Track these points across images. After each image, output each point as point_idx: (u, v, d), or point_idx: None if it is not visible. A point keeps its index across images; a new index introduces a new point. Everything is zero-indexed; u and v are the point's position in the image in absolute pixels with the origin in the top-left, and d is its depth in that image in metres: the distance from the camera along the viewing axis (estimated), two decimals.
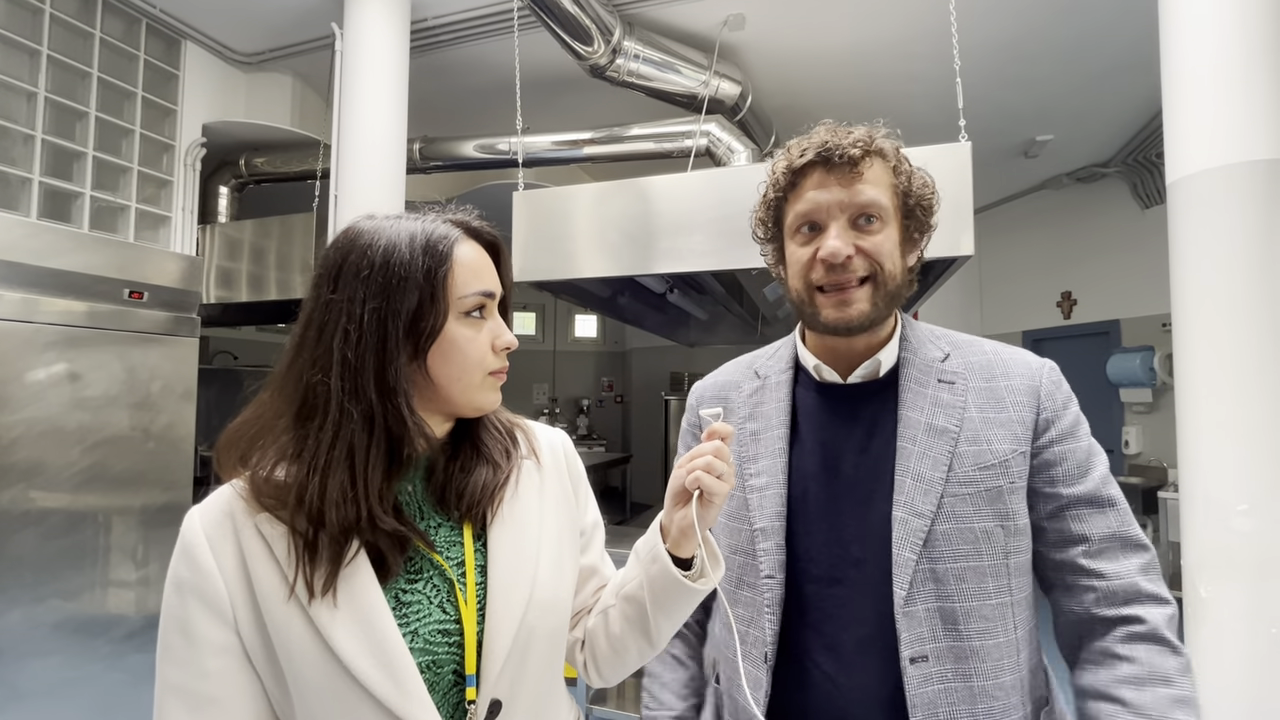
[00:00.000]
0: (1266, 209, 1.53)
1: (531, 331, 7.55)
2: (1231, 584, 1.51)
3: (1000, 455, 0.76)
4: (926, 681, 0.72)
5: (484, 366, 0.64)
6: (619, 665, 0.74)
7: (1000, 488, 0.75)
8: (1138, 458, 4.47)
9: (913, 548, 0.73)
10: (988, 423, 0.77)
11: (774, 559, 0.79)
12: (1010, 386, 0.79)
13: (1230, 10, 1.59)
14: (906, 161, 0.80)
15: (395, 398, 0.58)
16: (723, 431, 0.67)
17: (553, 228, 2.16)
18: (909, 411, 0.79)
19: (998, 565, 0.75)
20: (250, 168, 3.46)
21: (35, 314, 1.96)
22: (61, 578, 1.98)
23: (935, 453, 0.76)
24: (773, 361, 0.91)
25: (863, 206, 0.76)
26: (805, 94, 3.47)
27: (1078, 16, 2.80)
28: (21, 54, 2.41)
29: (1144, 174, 4.31)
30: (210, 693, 0.55)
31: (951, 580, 0.73)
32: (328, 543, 0.56)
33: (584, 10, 2.48)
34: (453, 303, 0.61)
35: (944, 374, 0.80)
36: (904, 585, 0.73)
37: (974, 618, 0.73)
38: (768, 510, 0.81)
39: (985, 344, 0.85)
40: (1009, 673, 0.73)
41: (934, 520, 0.74)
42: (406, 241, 0.60)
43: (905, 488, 0.75)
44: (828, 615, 0.77)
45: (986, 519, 0.75)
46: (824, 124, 0.79)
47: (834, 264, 0.75)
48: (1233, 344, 1.55)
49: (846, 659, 0.76)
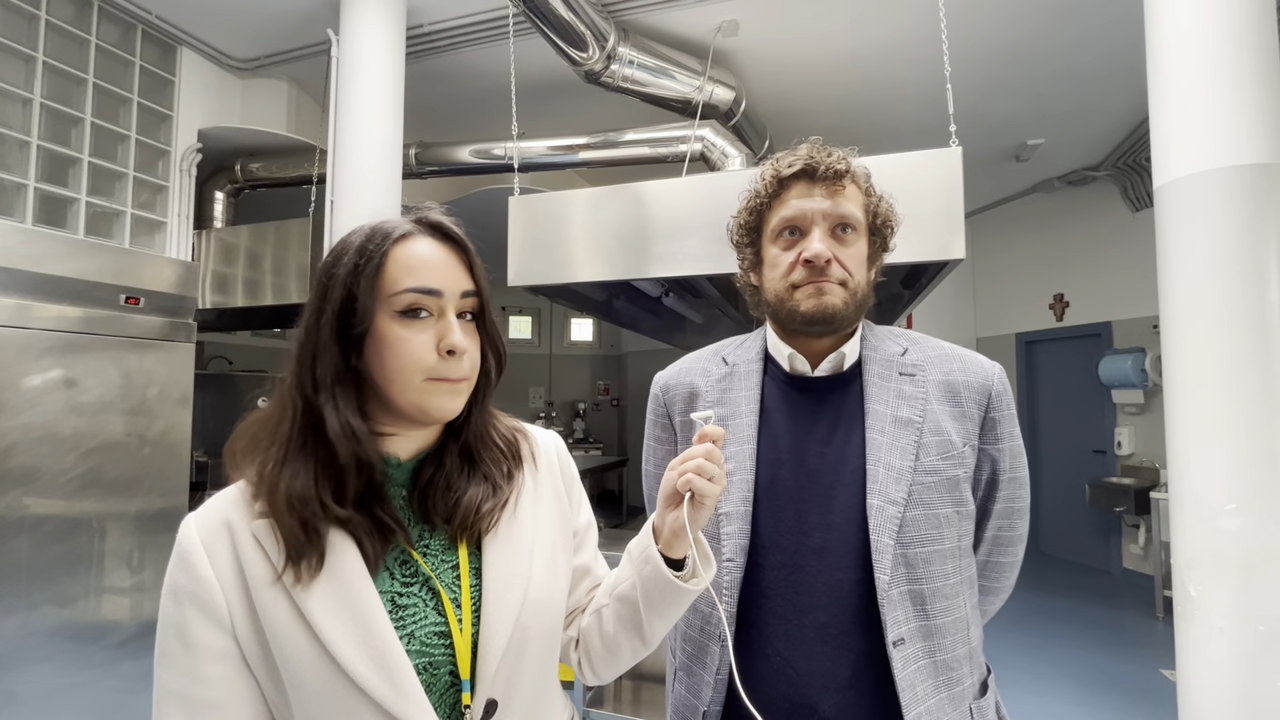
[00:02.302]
0: (1252, 213, 1.55)
1: (527, 335, 7.55)
2: (1220, 583, 1.53)
3: (957, 446, 0.82)
4: (907, 663, 0.76)
5: (421, 370, 0.59)
6: (613, 664, 0.74)
7: (957, 476, 0.82)
8: (1130, 459, 4.50)
9: (889, 533, 0.77)
10: (946, 415, 0.83)
11: (736, 543, 0.82)
12: (967, 383, 0.85)
13: (1216, 17, 1.62)
14: (873, 187, 0.89)
15: (319, 394, 0.59)
16: (714, 434, 0.68)
17: (548, 232, 2.17)
18: (875, 405, 0.84)
19: (954, 547, 0.82)
20: (246, 173, 3.46)
21: (31, 319, 1.96)
22: (57, 584, 1.98)
23: (903, 443, 0.81)
24: (741, 351, 0.95)
25: (842, 217, 0.83)
26: (798, 99, 3.50)
27: (1068, 22, 2.83)
28: (17, 60, 2.42)
29: (1134, 177, 4.35)
30: (208, 698, 0.56)
31: (920, 564, 0.78)
32: (292, 533, 0.57)
33: (579, 16, 2.50)
34: (383, 301, 0.59)
35: (904, 367, 0.86)
36: (885, 570, 0.77)
37: (938, 597, 0.79)
38: (734, 495, 0.83)
39: (941, 343, 0.91)
40: (962, 645, 0.81)
41: (905, 507, 0.78)
42: (354, 241, 0.61)
43: (879, 476, 0.79)
44: (787, 601, 0.80)
45: (946, 505, 0.81)
46: (809, 141, 0.86)
47: (816, 265, 0.81)
48: (1220, 346, 1.57)
49: (805, 644, 0.79)
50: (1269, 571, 1.48)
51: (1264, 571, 1.48)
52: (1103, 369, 4.46)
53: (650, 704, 2.10)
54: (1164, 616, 3.78)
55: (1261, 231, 1.55)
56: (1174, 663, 1.65)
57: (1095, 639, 3.49)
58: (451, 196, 4.11)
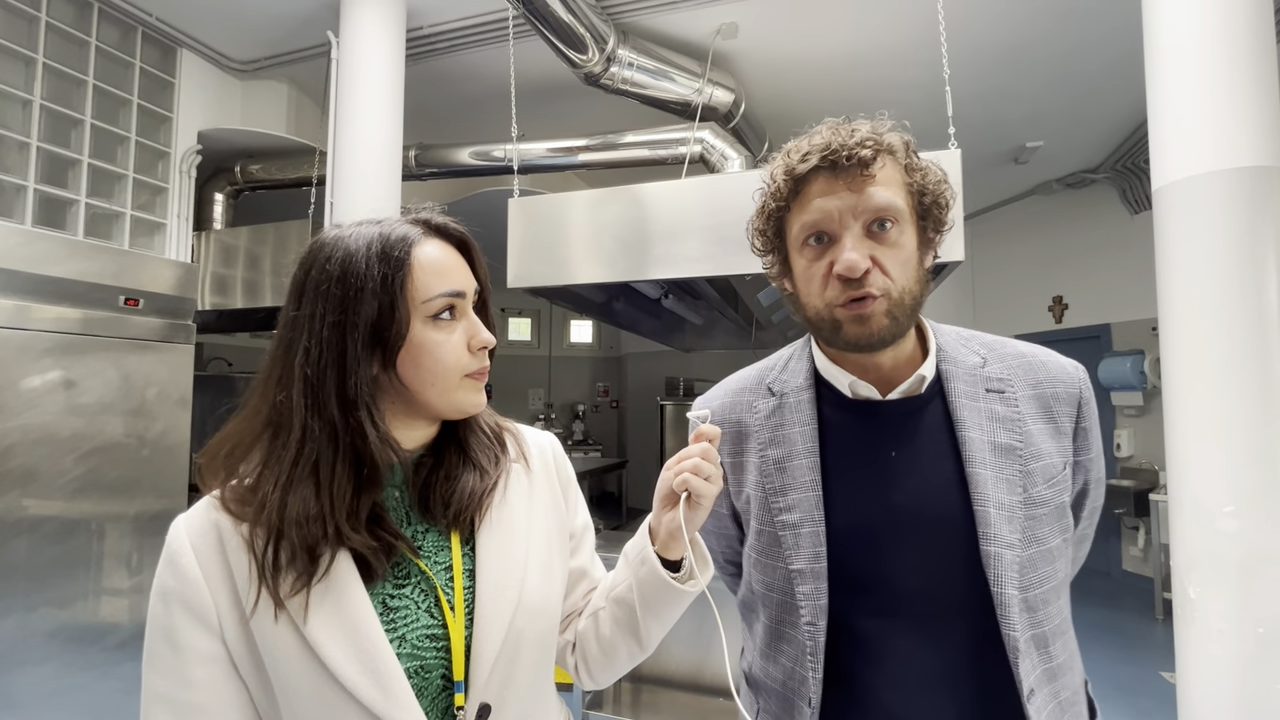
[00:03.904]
0: (1250, 215, 1.56)
1: (527, 337, 7.55)
2: (1219, 585, 1.53)
3: (1059, 468, 0.72)
4: (1039, 713, 0.68)
5: (460, 369, 0.62)
6: (610, 667, 0.74)
7: (1064, 503, 0.73)
8: (1129, 460, 4.50)
9: (1013, 582, 0.67)
10: (1043, 435, 0.73)
11: (814, 605, 0.72)
12: (1056, 395, 0.75)
13: (1214, 20, 1.62)
14: (918, 156, 0.72)
15: (357, 411, 0.57)
16: (710, 433, 0.67)
17: (548, 234, 2.18)
18: (970, 432, 0.71)
19: (1064, 577, 0.73)
20: (246, 174, 3.46)
21: (30, 321, 1.95)
22: (55, 586, 1.97)
23: (1009, 475, 0.70)
24: (787, 376, 0.82)
25: (878, 211, 0.67)
26: (798, 101, 3.50)
27: (1067, 25, 2.84)
28: (17, 62, 2.42)
29: (1132, 179, 4.36)
30: (196, 701, 0.55)
31: (1040, 606, 0.69)
32: (292, 557, 0.55)
33: (578, 19, 2.50)
34: (416, 308, 0.59)
35: (990, 382, 0.74)
36: (1014, 626, 0.67)
37: (1057, 636, 0.71)
38: (804, 551, 0.73)
39: (1014, 344, 0.80)
40: (1078, 676, 0.74)
41: (1021, 549, 0.69)
42: (364, 249, 0.59)
43: (990, 519, 0.68)
44: (888, 651, 0.71)
45: (1056, 536, 0.71)
46: (826, 123, 0.72)
47: (851, 278, 0.67)
48: (1219, 348, 1.57)
49: (913, 697, 0.70)
50: (1268, 573, 1.48)
51: (1263, 573, 1.48)
52: (1102, 371, 4.46)
53: (650, 706, 2.09)
54: (1163, 618, 3.78)
55: (1260, 233, 1.55)
56: (1174, 665, 1.65)
57: (1095, 641, 3.49)
58: (451, 198, 4.12)
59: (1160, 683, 2.99)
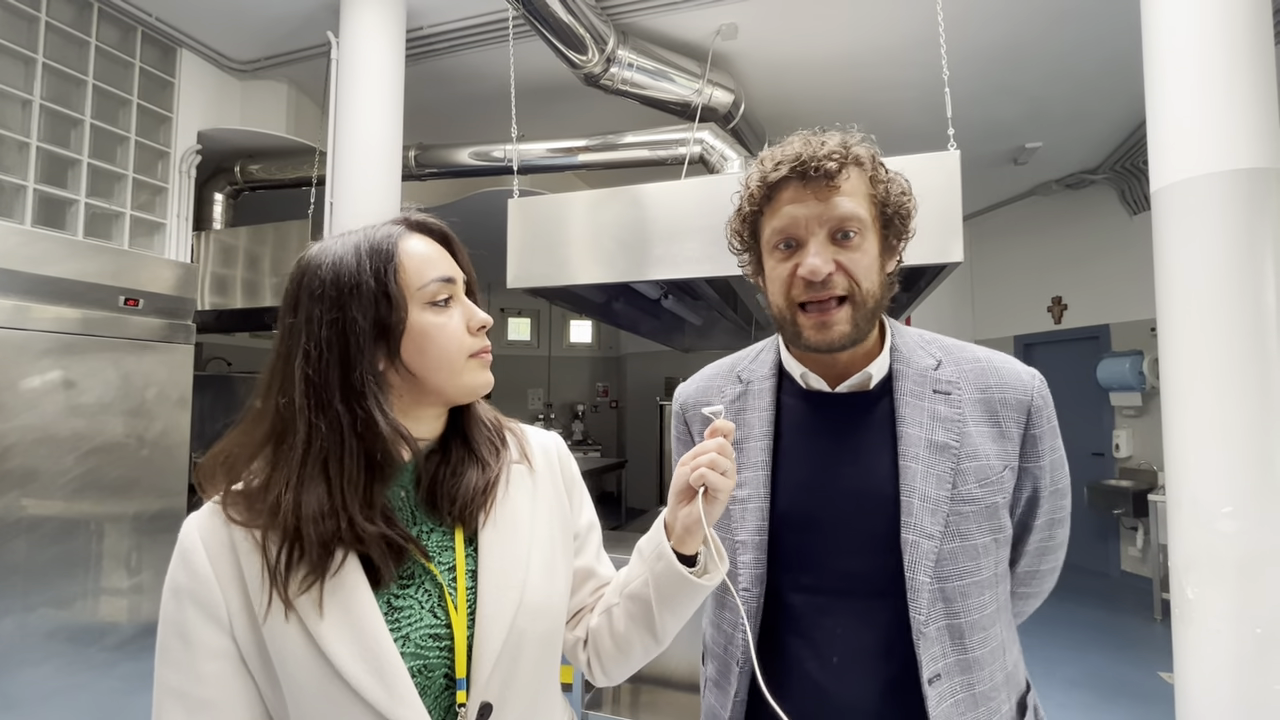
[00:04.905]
0: (1248, 216, 1.56)
1: (526, 337, 7.55)
2: (1217, 585, 1.53)
3: (996, 470, 0.76)
4: (942, 700, 0.72)
5: (464, 349, 0.64)
6: (624, 663, 0.74)
7: (996, 504, 0.76)
8: (1128, 461, 4.50)
9: (925, 570, 0.72)
10: (984, 436, 0.77)
11: (751, 573, 0.78)
12: (1004, 400, 0.78)
13: (1212, 21, 1.62)
14: (883, 168, 0.78)
15: (364, 401, 0.58)
16: (724, 429, 0.68)
17: (548, 234, 2.18)
18: (909, 428, 0.77)
19: (991, 575, 0.77)
20: (245, 174, 3.46)
21: (29, 321, 1.95)
22: (55, 585, 1.97)
23: (939, 470, 0.75)
24: (755, 365, 0.89)
25: (841, 220, 0.73)
26: (797, 101, 3.51)
27: (1066, 26, 2.84)
28: (17, 61, 2.42)
29: (1131, 180, 4.36)
30: (206, 696, 0.56)
31: (958, 598, 0.73)
32: (307, 555, 0.56)
33: (578, 19, 2.51)
34: (412, 295, 0.62)
35: (938, 384, 0.79)
36: (921, 609, 0.72)
37: (975, 629, 0.74)
38: (749, 525, 0.79)
39: (975, 350, 0.83)
40: (1000, 671, 0.76)
41: (941, 540, 0.73)
42: (352, 251, 0.61)
43: (913, 509, 0.74)
44: (816, 624, 0.77)
45: (984, 534, 0.75)
46: (799, 134, 0.77)
47: (814, 281, 0.73)
48: (1217, 349, 1.58)
49: (835, 669, 0.75)
50: (1266, 574, 1.48)
51: (1261, 574, 1.49)
52: (1101, 372, 4.47)
53: (649, 707, 2.09)
54: (1162, 619, 3.78)
55: (1258, 235, 1.55)
56: (1172, 665, 1.65)
57: (1093, 641, 3.50)
58: (451, 199, 4.12)
59: (1158, 683, 2.99)
